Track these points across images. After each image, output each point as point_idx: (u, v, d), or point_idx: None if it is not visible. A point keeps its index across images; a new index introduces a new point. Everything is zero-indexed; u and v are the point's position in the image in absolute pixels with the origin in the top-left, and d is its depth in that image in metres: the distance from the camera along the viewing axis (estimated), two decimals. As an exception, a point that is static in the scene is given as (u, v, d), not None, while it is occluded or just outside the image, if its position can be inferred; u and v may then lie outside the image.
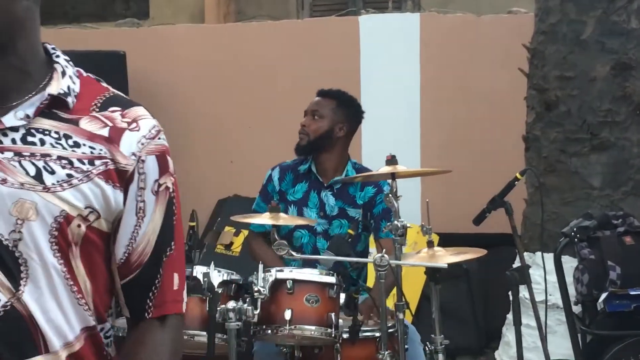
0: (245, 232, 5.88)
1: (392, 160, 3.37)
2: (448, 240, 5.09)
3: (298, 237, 3.99)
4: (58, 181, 1.44)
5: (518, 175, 3.63)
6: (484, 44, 6.28)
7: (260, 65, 6.42)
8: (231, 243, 6.03)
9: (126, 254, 1.51)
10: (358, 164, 4.16)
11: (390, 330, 3.38)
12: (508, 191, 3.65)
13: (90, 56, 5.84)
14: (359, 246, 4.01)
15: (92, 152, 1.48)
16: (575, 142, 4.68)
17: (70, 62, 1.57)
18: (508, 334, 5.10)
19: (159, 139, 1.54)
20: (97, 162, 1.47)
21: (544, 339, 3.49)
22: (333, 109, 4.08)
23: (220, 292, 3.12)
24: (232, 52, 6.45)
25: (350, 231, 3.58)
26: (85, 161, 1.47)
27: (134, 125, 1.52)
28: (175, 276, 1.56)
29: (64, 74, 1.52)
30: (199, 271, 3.18)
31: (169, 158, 1.55)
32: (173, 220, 1.55)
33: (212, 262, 3.23)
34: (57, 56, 1.56)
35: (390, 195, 3.32)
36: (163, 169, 1.53)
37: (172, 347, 1.56)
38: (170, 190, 1.54)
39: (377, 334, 3.39)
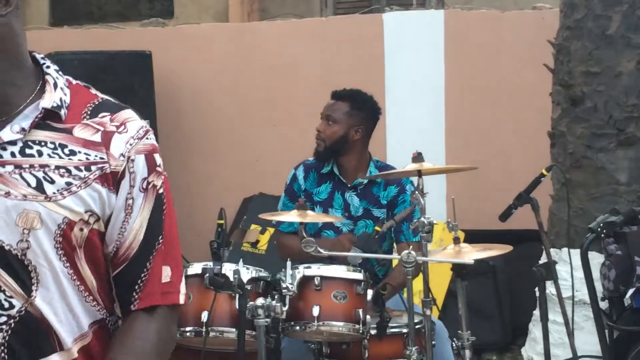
0: (271, 230, 5.93)
1: (418, 158, 3.40)
2: (473, 237, 5.10)
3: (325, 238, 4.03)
4: (58, 190, 1.52)
5: (544, 171, 3.66)
6: (508, 40, 6.29)
7: (284, 63, 6.46)
8: (257, 241, 6.09)
9: (115, 248, 1.59)
10: (381, 162, 4.18)
11: (417, 327, 3.42)
12: (534, 187, 3.68)
13: (117, 56, 5.93)
14: (385, 245, 4.04)
15: (87, 159, 1.55)
16: (601, 138, 4.68)
17: (60, 72, 1.62)
18: (534, 330, 5.12)
19: (147, 138, 1.62)
20: (93, 168, 1.55)
21: (571, 335, 3.51)
22: (347, 112, 4.06)
23: (249, 289, 3.17)
24: (256, 50, 6.49)
25: (377, 228, 3.62)
26: (82, 168, 1.54)
27: (122, 127, 1.59)
28: (166, 269, 1.63)
29: (55, 85, 1.58)
30: (227, 268, 3.24)
31: (157, 156, 1.62)
32: (162, 216, 1.62)
33: (241, 260, 3.28)
34: (48, 67, 1.61)
35: (416, 192, 3.35)
36: (151, 167, 1.61)
37: (157, 337, 1.61)
38: (158, 187, 1.62)
39: (405, 330, 3.43)
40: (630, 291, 4.12)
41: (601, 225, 3.58)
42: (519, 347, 5.35)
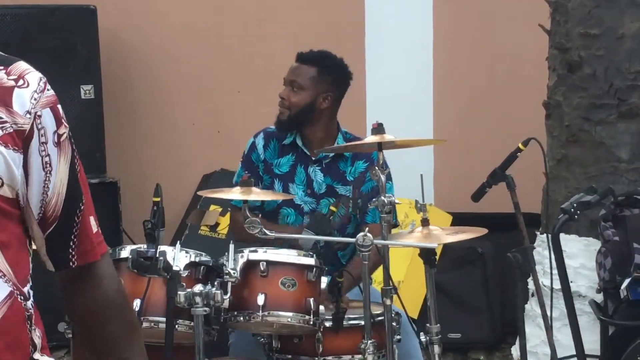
0: (233, 212, 6.08)
1: (378, 129, 3.53)
2: (462, 221, 5.25)
3: (284, 216, 4.18)
4: None
5: (520, 145, 3.81)
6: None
7: (250, 20, 6.56)
8: (217, 224, 6.22)
9: (42, 209, 1.74)
10: (350, 134, 4.32)
11: (379, 319, 3.57)
12: (510, 163, 3.84)
13: (57, 11, 5.99)
14: (350, 228, 4.18)
15: None
16: (600, 109, 4.81)
17: None
18: (525, 326, 5.28)
19: (48, 90, 1.75)
20: None
21: (549, 329, 3.67)
22: (313, 77, 4.20)
23: (186, 273, 3.32)
24: (217, 4, 6.60)
25: (332, 208, 3.77)
26: None
27: (21, 82, 1.71)
28: (91, 220, 1.83)
29: None
30: (166, 251, 3.37)
31: (60, 107, 1.76)
32: (77, 168, 1.79)
33: (179, 242, 3.43)
34: None
35: (376, 168, 3.48)
36: (58, 120, 1.75)
37: (116, 281, 1.89)
38: (70, 138, 1.78)
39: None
40: (626, 281, 4.27)
41: (574, 205, 3.73)
42: (510, 346, 5.50)
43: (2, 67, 1.72)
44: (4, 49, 1.83)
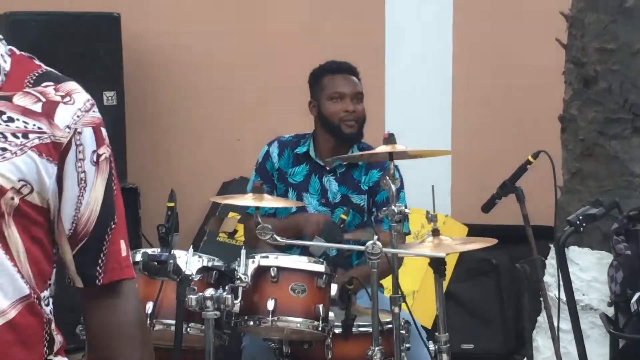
0: (252, 220, 6.16)
1: (389, 139, 3.60)
2: (478, 233, 5.30)
3: None
4: None
5: (530, 158, 3.87)
6: (525, 9, 6.48)
7: (271, 29, 6.63)
8: (235, 231, 6.29)
9: (73, 224, 1.82)
10: (364, 143, 4.40)
11: (388, 327, 3.64)
12: (519, 175, 3.89)
13: (81, 18, 6.10)
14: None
15: (25, 127, 1.77)
16: (615, 123, 4.86)
17: (3, 41, 1.85)
18: (538, 338, 5.32)
19: (94, 111, 1.84)
20: (31, 136, 1.76)
21: (556, 340, 3.72)
22: (361, 86, 4.36)
23: (198, 277, 3.41)
24: (240, 14, 6.67)
25: (342, 216, 3.84)
26: (19, 135, 1.76)
27: (67, 98, 1.81)
28: (122, 242, 1.88)
29: None
30: (178, 255, 3.45)
31: (103, 130, 1.86)
32: (113, 189, 1.86)
33: (191, 247, 3.52)
34: None
35: (387, 177, 3.55)
36: (99, 140, 1.84)
37: (137, 306, 1.90)
38: (110, 160, 1.86)
39: (375, 330, 3.63)
40: (637, 295, 4.32)
41: (580, 217, 3.78)
42: (523, 357, 5.54)
43: (52, 83, 1.82)
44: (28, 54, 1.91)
